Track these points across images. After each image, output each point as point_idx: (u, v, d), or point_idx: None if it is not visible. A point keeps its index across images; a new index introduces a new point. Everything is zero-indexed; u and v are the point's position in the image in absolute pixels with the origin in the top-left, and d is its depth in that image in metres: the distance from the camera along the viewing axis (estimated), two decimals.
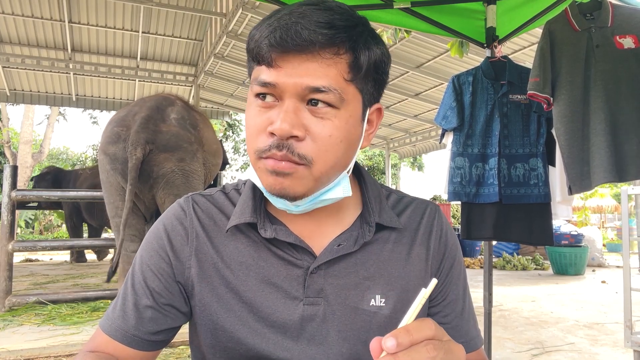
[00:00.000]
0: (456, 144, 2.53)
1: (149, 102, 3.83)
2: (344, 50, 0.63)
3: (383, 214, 0.76)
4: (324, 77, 0.62)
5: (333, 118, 0.64)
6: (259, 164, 0.66)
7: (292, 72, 0.62)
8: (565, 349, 3.49)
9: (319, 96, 0.62)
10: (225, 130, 20.17)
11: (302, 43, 0.60)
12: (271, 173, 0.65)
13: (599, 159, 2.00)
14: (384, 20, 2.76)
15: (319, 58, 0.62)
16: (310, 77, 0.62)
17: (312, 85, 0.62)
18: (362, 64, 0.65)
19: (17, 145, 16.69)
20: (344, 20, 0.62)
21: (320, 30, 0.61)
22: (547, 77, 2.15)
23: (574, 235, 8.36)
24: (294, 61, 0.62)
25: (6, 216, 4.24)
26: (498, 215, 2.47)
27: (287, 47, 0.61)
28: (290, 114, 0.62)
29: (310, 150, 0.63)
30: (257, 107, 0.66)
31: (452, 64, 7.40)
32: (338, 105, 0.64)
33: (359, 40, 0.64)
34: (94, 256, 9.62)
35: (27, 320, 3.80)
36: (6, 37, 8.41)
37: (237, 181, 0.84)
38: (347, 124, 0.65)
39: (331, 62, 0.62)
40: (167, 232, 0.76)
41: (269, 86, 0.63)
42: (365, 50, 0.65)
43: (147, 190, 3.69)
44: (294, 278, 0.72)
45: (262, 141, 0.65)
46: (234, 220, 0.74)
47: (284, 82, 0.62)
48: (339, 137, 0.65)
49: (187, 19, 8.45)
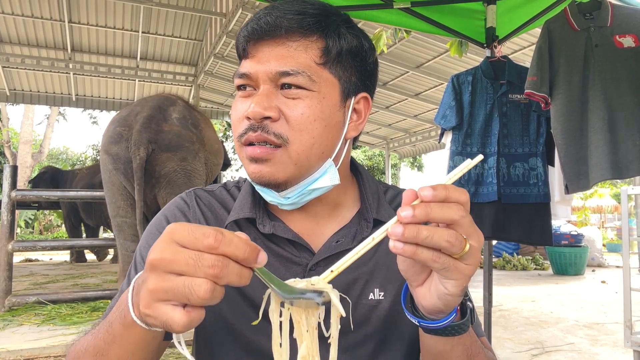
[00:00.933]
0: (455, 143, 2.53)
1: (151, 102, 3.84)
2: (316, 36, 0.68)
3: (381, 209, 0.77)
4: (292, 60, 0.66)
5: (305, 98, 0.67)
6: (242, 152, 0.70)
7: (263, 59, 0.67)
8: (565, 349, 3.49)
9: (288, 79, 0.66)
10: (225, 130, 20.16)
11: (270, 29, 0.65)
12: (251, 161, 0.68)
13: (597, 157, 2.00)
14: (384, 20, 2.77)
15: (288, 43, 0.66)
16: (278, 62, 0.66)
17: (281, 70, 0.65)
18: (331, 48, 0.68)
19: (17, 145, 16.69)
20: (315, 9, 0.67)
21: (287, 16, 0.65)
22: (544, 76, 2.16)
23: (573, 235, 8.36)
24: (265, 49, 0.67)
25: (6, 216, 4.24)
26: (497, 214, 2.47)
27: (258, 36, 0.66)
28: (263, 97, 0.66)
29: (285, 129, 0.66)
30: (239, 97, 0.70)
31: (452, 64, 7.40)
32: (309, 87, 0.67)
33: (330, 27, 0.68)
34: (93, 256, 9.62)
35: (27, 320, 3.79)
36: (6, 37, 8.40)
37: (238, 178, 0.85)
38: (320, 104, 0.68)
39: (300, 46, 0.67)
40: (168, 221, 0.76)
41: (245, 77, 0.68)
42: (336, 36, 0.68)
43: (148, 190, 3.70)
44: (293, 275, 0.72)
45: (241, 127, 0.68)
46: (233, 216, 0.75)
47: (256, 71, 0.67)
48: (311, 116, 0.67)
49: (187, 19, 8.45)
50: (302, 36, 0.67)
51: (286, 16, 0.66)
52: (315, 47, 0.67)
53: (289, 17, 0.66)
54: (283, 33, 0.66)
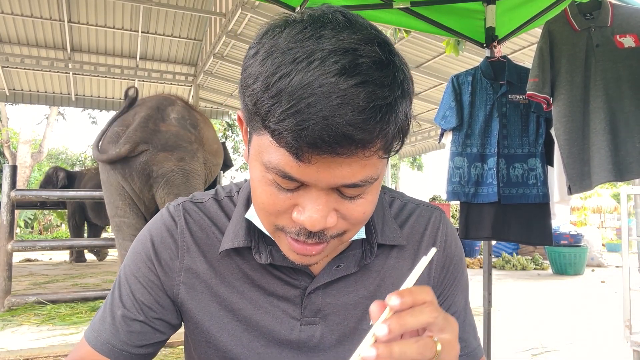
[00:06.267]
0: (455, 143, 2.54)
1: (150, 102, 3.84)
2: (380, 138, 0.51)
3: (386, 229, 0.71)
4: (362, 172, 0.52)
5: (366, 195, 0.57)
6: (280, 236, 0.60)
7: (325, 170, 0.51)
8: (564, 349, 3.49)
9: (355, 191, 0.55)
10: (224, 130, 20.15)
11: (342, 152, 0.49)
12: (297, 253, 0.59)
13: (599, 158, 2.00)
14: (384, 20, 2.76)
15: (358, 152, 0.50)
16: (346, 176, 0.52)
17: (349, 183, 0.53)
18: (393, 138, 0.53)
19: (17, 145, 16.69)
20: (382, 98, 0.49)
21: (361, 133, 0.48)
22: (546, 78, 2.16)
23: (573, 235, 8.36)
24: (328, 158, 0.50)
25: (5, 216, 4.24)
26: (496, 215, 2.47)
27: (323, 152, 0.49)
28: (323, 206, 0.54)
29: (343, 226, 0.58)
30: (273, 185, 0.55)
31: (452, 64, 7.40)
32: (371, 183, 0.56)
33: (396, 109, 0.51)
34: (93, 256, 9.62)
35: (27, 320, 3.79)
36: (5, 36, 8.40)
37: (230, 186, 0.77)
38: (377, 190, 0.60)
39: (371, 152, 0.52)
40: (155, 243, 0.71)
41: (293, 180, 0.53)
42: (398, 122, 0.52)
43: (147, 190, 3.70)
44: (291, 298, 0.69)
45: (287, 223, 0.58)
46: (227, 244, 0.69)
47: (315, 180, 0.52)
48: (371, 209, 0.60)
49: (187, 18, 8.45)
50: (374, 147, 0.51)
51: (360, 133, 0.48)
52: (380, 144, 0.52)
53: (367, 126, 0.48)
54: (354, 147, 0.49)
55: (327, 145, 0.48)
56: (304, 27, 0.51)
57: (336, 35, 0.50)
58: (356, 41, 0.50)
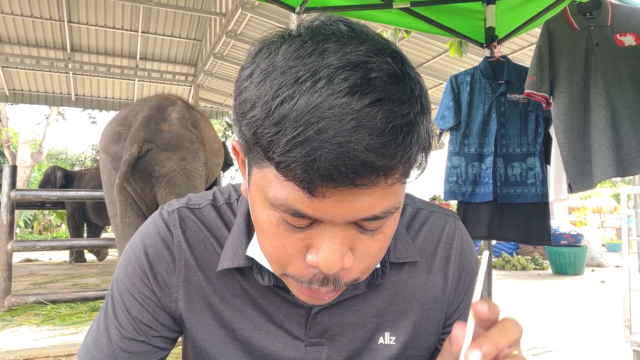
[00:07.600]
0: (453, 143, 2.54)
1: (151, 102, 3.85)
2: (403, 162, 0.45)
3: (399, 245, 0.66)
4: (384, 202, 0.46)
5: (386, 229, 0.51)
6: (291, 283, 0.55)
7: (342, 203, 0.45)
8: (565, 349, 3.49)
9: (375, 224, 0.49)
10: (224, 130, 20.16)
11: (361, 182, 0.43)
12: (308, 297, 0.55)
13: (600, 155, 2.01)
14: (384, 20, 2.77)
15: (377, 181, 0.44)
16: (367, 208, 0.46)
17: (370, 216, 0.47)
18: (413, 162, 0.48)
19: (17, 145, 16.70)
20: (402, 117, 0.43)
21: (382, 159, 0.42)
22: (544, 76, 2.16)
23: (573, 235, 8.36)
24: (345, 190, 0.44)
25: (5, 216, 4.24)
26: (493, 214, 2.48)
27: (337, 182, 0.43)
28: (340, 245, 0.48)
29: (359, 270, 0.52)
30: (282, 225, 0.49)
31: (451, 64, 7.41)
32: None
33: (416, 132, 0.45)
34: (93, 256, 9.62)
35: (26, 320, 3.79)
36: (5, 36, 8.40)
37: (229, 190, 0.70)
38: (396, 222, 0.54)
39: (393, 179, 0.46)
40: (149, 256, 0.64)
41: (305, 217, 0.47)
42: (418, 147, 0.46)
43: (148, 190, 3.70)
44: (295, 318, 0.64)
45: (297, 271, 0.52)
46: (226, 263, 0.63)
47: (331, 215, 0.46)
48: (387, 245, 0.53)
49: (187, 18, 8.45)
50: (395, 175, 0.46)
51: (381, 159, 0.42)
52: (403, 169, 0.46)
53: (388, 151, 0.42)
54: (375, 176, 0.43)
55: (343, 176, 0.42)
56: (303, 42, 0.45)
57: (341, 48, 0.44)
58: (365, 53, 0.43)
